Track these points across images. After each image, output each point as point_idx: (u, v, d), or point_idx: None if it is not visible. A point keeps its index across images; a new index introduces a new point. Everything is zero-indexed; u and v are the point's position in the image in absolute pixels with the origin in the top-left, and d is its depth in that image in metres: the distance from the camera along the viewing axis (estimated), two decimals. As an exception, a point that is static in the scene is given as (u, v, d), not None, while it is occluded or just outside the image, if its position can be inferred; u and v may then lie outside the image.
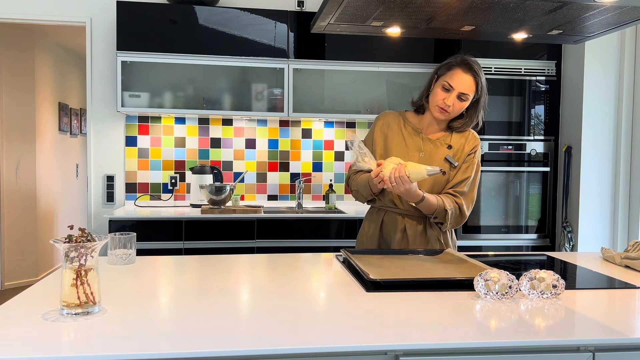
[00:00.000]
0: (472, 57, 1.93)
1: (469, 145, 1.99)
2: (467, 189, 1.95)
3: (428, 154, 1.97)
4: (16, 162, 4.90)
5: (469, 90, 1.89)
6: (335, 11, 1.85)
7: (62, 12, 3.56)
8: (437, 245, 1.98)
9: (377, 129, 2.05)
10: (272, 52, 3.44)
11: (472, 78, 1.89)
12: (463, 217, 1.94)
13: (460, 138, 2.00)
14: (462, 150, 1.98)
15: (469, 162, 1.97)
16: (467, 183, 1.95)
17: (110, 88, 3.62)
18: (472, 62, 1.91)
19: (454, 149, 1.98)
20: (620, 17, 1.82)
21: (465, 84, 1.88)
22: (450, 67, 1.91)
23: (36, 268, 5.08)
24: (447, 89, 1.89)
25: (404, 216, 1.98)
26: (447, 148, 1.98)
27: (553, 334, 1.12)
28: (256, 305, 1.31)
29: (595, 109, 3.41)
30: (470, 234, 3.51)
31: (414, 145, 1.99)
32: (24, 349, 0.99)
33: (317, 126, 3.85)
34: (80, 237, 1.19)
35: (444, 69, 1.93)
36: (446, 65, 1.93)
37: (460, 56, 1.93)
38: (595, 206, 3.45)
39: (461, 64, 1.90)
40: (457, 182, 1.95)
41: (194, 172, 3.58)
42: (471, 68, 1.89)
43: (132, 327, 1.12)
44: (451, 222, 1.92)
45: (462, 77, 1.88)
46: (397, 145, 2.00)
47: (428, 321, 1.19)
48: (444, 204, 1.88)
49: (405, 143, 2.00)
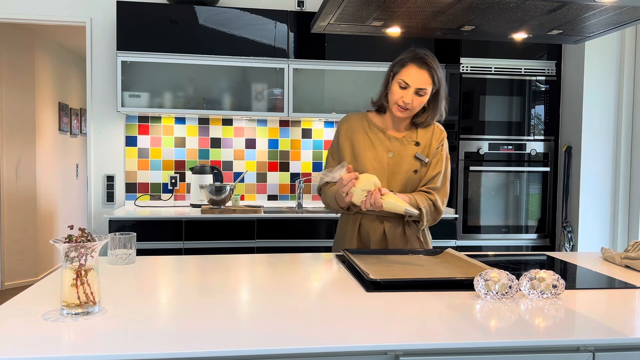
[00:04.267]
0: (425, 50, 1.90)
1: (435, 139, 1.98)
2: (440, 184, 1.96)
3: (397, 153, 1.96)
4: (16, 162, 4.90)
5: (425, 85, 1.87)
6: (335, 11, 1.85)
7: (62, 12, 3.57)
8: (417, 244, 1.98)
9: (342, 135, 2.01)
10: (272, 52, 3.44)
11: (427, 72, 1.87)
12: (439, 212, 1.95)
13: (426, 133, 1.99)
14: (429, 145, 1.97)
15: (438, 156, 1.97)
16: (439, 178, 1.96)
17: (110, 88, 3.62)
18: (425, 55, 1.88)
19: (422, 145, 1.97)
20: (620, 17, 1.82)
21: (421, 79, 1.86)
22: (404, 63, 1.88)
23: (36, 268, 5.08)
24: (404, 86, 1.87)
25: (383, 220, 1.96)
26: (415, 145, 1.97)
27: (553, 334, 1.12)
28: (256, 305, 1.31)
29: (595, 109, 3.41)
30: (470, 234, 3.51)
31: (381, 145, 1.97)
32: (24, 349, 0.99)
33: (317, 126, 3.85)
34: (80, 237, 1.18)
35: (398, 67, 1.90)
36: (400, 62, 1.90)
37: (412, 51, 1.90)
38: (595, 206, 3.45)
39: (414, 59, 1.87)
40: (430, 179, 1.95)
41: (194, 172, 3.58)
42: (425, 62, 1.87)
43: (132, 327, 1.12)
44: (428, 219, 1.92)
45: (417, 73, 1.86)
46: (364, 148, 1.96)
47: (428, 321, 1.19)
48: (417, 203, 1.88)
49: (373, 145, 1.97)
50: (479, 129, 3.51)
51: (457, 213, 3.49)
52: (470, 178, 3.50)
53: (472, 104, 3.49)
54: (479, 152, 3.50)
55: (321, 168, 3.86)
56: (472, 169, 3.49)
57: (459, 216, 3.49)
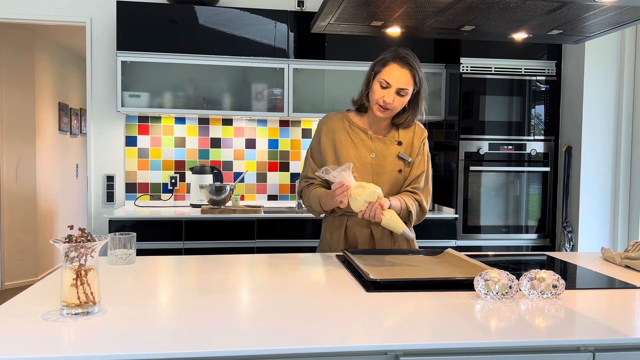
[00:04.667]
0: (406, 50, 1.89)
1: (417, 138, 1.98)
2: (423, 184, 1.96)
3: (380, 153, 1.95)
4: (16, 162, 4.90)
5: (407, 85, 1.85)
6: (335, 11, 1.85)
7: (62, 12, 3.56)
8: (405, 244, 1.98)
9: (323, 136, 1.99)
10: (272, 52, 3.44)
11: (409, 72, 1.85)
12: (424, 212, 1.96)
13: (408, 132, 1.99)
14: (411, 144, 1.97)
15: (420, 155, 1.97)
16: (423, 177, 1.96)
17: (110, 88, 3.62)
18: (407, 55, 1.86)
19: (404, 144, 1.97)
20: (620, 17, 1.82)
21: (402, 79, 1.84)
22: (386, 63, 1.86)
23: (36, 268, 5.08)
24: (385, 86, 1.85)
25: (369, 221, 1.94)
26: (397, 145, 1.96)
27: (553, 334, 1.12)
28: (256, 305, 1.31)
29: (595, 109, 3.41)
30: (470, 234, 3.51)
31: (363, 146, 1.95)
32: (24, 349, 0.99)
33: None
34: (80, 237, 1.18)
35: (380, 66, 1.88)
36: (381, 61, 1.88)
37: (394, 50, 1.88)
38: (595, 206, 3.44)
39: (396, 58, 1.85)
40: (414, 178, 1.95)
41: (194, 172, 3.58)
42: (407, 62, 1.85)
43: (132, 327, 1.11)
44: (414, 220, 1.93)
45: (398, 73, 1.84)
46: (347, 149, 1.94)
47: (428, 321, 1.19)
48: (407, 206, 1.88)
49: (355, 145, 1.95)
50: (479, 129, 3.50)
51: (457, 213, 3.49)
52: (470, 178, 3.50)
53: (472, 104, 3.49)
54: (479, 152, 3.50)
55: (321, 168, 3.85)
56: (472, 169, 3.49)
57: (459, 216, 3.49)
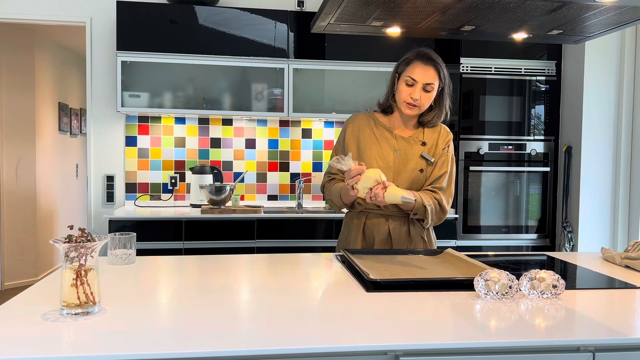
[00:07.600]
0: (428, 48, 1.93)
1: (442, 140, 1.99)
2: (445, 184, 1.96)
3: (403, 152, 1.96)
4: (16, 162, 4.90)
5: (432, 80, 1.89)
6: (335, 11, 1.85)
7: (62, 12, 3.56)
8: (421, 244, 1.99)
9: (348, 133, 2.02)
10: (272, 52, 3.44)
11: (433, 67, 1.89)
12: (444, 212, 1.95)
13: (433, 133, 2.00)
14: (435, 145, 1.98)
15: (444, 156, 1.98)
16: (445, 178, 1.96)
17: (110, 88, 3.62)
18: (429, 52, 1.91)
19: (428, 145, 1.98)
20: (620, 17, 1.82)
21: (427, 74, 1.88)
22: (409, 62, 1.91)
23: (36, 268, 5.08)
24: (411, 83, 1.89)
25: (388, 218, 1.97)
26: (421, 145, 1.98)
27: (553, 334, 1.12)
28: (256, 305, 1.31)
29: (595, 109, 3.41)
30: (470, 234, 3.51)
31: (387, 145, 1.97)
32: (24, 349, 0.99)
33: (317, 126, 3.85)
34: (80, 237, 1.18)
35: (404, 65, 1.93)
36: (405, 61, 1.93)
37: (416, 50, 1.93)
38: (595, 206, 3.45)
39: (419, 56, 1.90)
40: (435, 178, 1.96)
41: (194, 172, 3.58)
42: (430, 58, 1.89)
43: (132, 327, 1.11)
44: (432, 218, 1.93)
45: (423, 69, 1.88)
46: (369, 145, 1.98)
47: (428, 321, 1.19)
48: (422, 201, 1.88)
49: (379, 144, 1.98)
50: (479, 129, 3.51)
51: (457, 213, 3.49)
52: (471, 178, 3.50)
53: (472, 104, 3.49)
54: (479, 152, 3.50)
55: (321, 168, 3.86)
56: (472, 169, 3.49)
57: (459, 216, 3.49)
